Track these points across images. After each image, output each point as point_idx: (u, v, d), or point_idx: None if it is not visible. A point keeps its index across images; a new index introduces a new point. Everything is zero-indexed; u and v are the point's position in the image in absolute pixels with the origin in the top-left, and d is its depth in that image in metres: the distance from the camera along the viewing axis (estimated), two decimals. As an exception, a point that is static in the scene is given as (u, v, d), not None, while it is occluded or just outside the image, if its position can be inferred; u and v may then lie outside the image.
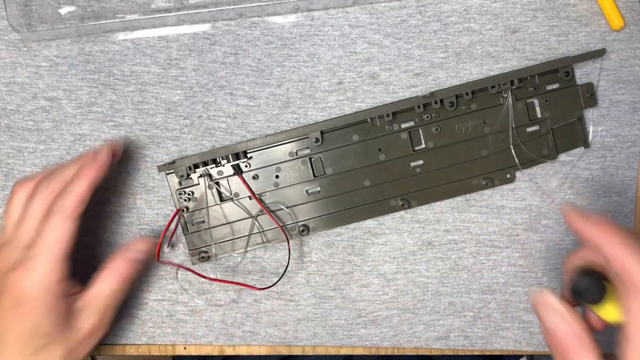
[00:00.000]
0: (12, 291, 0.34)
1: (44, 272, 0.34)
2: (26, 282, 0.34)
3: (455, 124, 0.42)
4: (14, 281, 0.34)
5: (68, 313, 0.36)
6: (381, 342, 0.44)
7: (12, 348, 0.34)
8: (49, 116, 0.43)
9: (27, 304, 0.34)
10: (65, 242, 0.35)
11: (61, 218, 0.35)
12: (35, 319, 0.34)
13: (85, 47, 0.42)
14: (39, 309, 0.34)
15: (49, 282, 0.34)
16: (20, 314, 0.34)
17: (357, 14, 0.42)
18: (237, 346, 0.44)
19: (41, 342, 0.34)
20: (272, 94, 0.42)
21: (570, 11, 0.42)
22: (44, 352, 0.35)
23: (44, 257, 0.34)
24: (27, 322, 0.34)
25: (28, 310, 0.34)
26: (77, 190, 0.36)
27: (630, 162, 0.43)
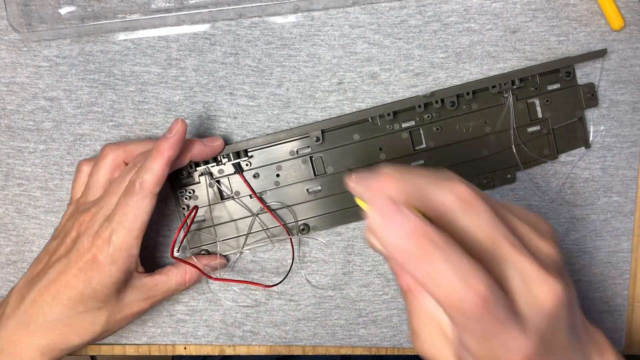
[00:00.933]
0: (87, 255, 0.36)
1: (119, 246, 0.36)
2: (101, 251, 0.36)
3: (456, 124, 0.42)
4: (90, 246, 0.36)
5: (126, 287, 0.38)
6: (381, 342, 0.44)
7: (66, 302, 0.36)
8: (49, 116, 0.43)
9: (97, 270, 0.36)
10: (142, 221, 0.37)
11: (140, 197, 0.36)
12: (98, 284, 0.36)
13: (85, 47, 0.42)
14: (105, 277, 0.36)
15: (121, 255, 0.36)
16: (87, 276, 0.36)
17: (357, 14, 0.42)
18: (237, 346, 0.44)
19: (94, 304, 0.37)
20: (272, 94, 0.42)
21: (570, 11, 0.42)
22: (92, 314, 0.37)
23: (122, 233, 0.36)
24: (90, 285, 0.36)
25: (95, 276, 0.36)
26: (155, 168, 0.36)
27: (630, 162, 0.43)
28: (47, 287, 0.36)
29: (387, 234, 0.23)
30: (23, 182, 0.43)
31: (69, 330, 0.37)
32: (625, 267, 0.43)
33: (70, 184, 0.43)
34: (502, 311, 0.23)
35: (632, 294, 0.44)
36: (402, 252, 0.23)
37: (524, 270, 0.25)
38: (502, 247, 0.25)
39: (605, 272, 0.43)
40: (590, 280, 0.43)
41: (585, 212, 0.43)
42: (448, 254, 0.23)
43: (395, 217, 0.23)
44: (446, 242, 0.23)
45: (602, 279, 0.43)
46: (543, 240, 0.27)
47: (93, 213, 0.37)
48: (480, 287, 0.22)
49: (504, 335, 0.24)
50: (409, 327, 0.29)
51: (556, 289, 0.25)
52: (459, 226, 0.25)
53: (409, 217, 0.23)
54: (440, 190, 0.25)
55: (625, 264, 0.43)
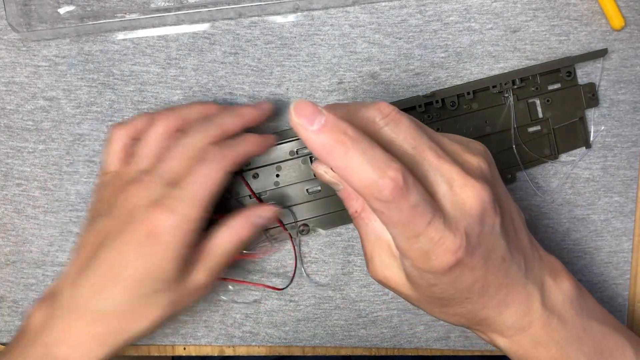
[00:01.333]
0: (146, 227, 0.32)
1: (184, 217, 0.32)
2: (164, 222, 0.32)
3: (457, 124, 0.42)
4: (151, 218, 0.32)
5: (188, 263, 0.34)
6: (381, 343, 0.44)
7: (125, 284, 0.33)
8: (48, 116, 0.43)
9: (158, 245, 0.32)
10: (212, 192, 0.33)
11: (216, 167, 0.33)
12: (160, 261, 0.32)
13: (84, 47, 0.42)
14: (167, 252, 0.32)
15: (186, 228, 0.32)
16: (147, 252, 0.32)
17: (357, 13, 0.42)
18: (236, 347, 0.44)
19: (156, 285, 0.33)
20: (272, 93, 0.42)
21: (570, 11, 0.42)
22: (154, 297, 0.33)
23: (189, 202, 0.33)
24: (151, 262, 0.32)
25: (156, 251, 0.32)
26: (242, 150, 0.35)
27: (631, 162, 0.43)
28: (103, 270, 0.33)
29: (309, 134, 0.25)
30: (22, 182, 0.43)
31: (130, 316, 0.33)
32: (626, 267, 0.43)
33: (69, 184, 0.43)
34: (420, 200, 0.26)
35: (633, 295, 0.44)
36: (322, 147, 0.25)
37: (447, 174, 0.28)
38: (426, 156, 0.28)
39: (605, 272, 0.43)
40: (590, 280, 0.43)
41: (586, 212, 0.43)
42: (362, 145, 0.25)
43: (314, 117, 0.25)
44: (360, 135, 0.25)
45: (602, 280, 0.43)
46: (472, 155, 0.30)
47: (148, 182, 0.33)
48: (393, 173, 0.25)
49: (428, 228, 0.26)
50: (364, 256, 0.32)
51: (480, 192, 0.28)
52: (385, 139, 0.28)
53: (326, 115, 0.25)
54: (367, 109, 0.28)
55: (626, 265, 0.43)
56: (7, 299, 0.44)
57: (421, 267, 0.28)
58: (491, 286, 0.30)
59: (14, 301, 0.44)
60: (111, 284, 0.33)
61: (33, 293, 0.44)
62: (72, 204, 0.43)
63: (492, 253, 0.29)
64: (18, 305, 0.44)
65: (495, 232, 0.29)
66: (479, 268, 0.28)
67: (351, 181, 0.26)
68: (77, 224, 0.43)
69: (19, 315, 0.44)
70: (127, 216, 0.33)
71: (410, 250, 0.27)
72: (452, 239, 0.27)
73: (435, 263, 0.27)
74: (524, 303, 0.31)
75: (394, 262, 0.30)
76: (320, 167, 0.31)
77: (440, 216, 0.27)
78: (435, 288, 0.29)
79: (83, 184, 0.43)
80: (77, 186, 0.43)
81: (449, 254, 0.27)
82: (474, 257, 0.28)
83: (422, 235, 0.26)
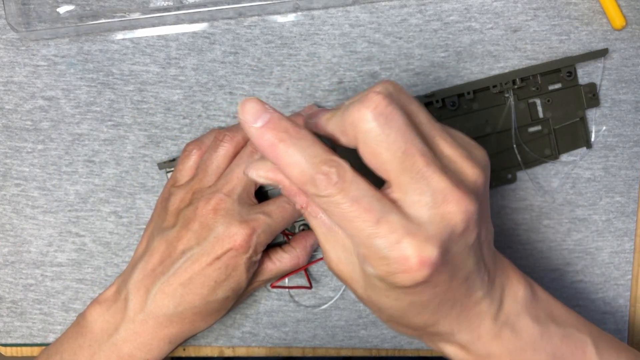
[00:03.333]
0: (225, 243, 0.35)
1: (265, 235, 0.36)
2: (245, 240, 0.35)
3: (457, 124, 0.41)
4: (230, 235, 0.35)
5: (253, 276, 0.38)
6: (382, 344, 0.44)
7: (200, 292, 0.36)
8: (47, 116, 0.43)
9: (235, 259, 0.36)
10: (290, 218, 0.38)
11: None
12: (236, 272, 0.36)
13: (84, 47, 0.42)
14: (244, 266, 0.36)
15: (264, 244, 0.36)
16: (224, 265, 0.36)
17: (358, 13, 0.42)
18: (236, 347, 0.44)
19: (229, 294, 0.36)
20: (272, 93, 0.42)
21: (571, 10, 0.42)
22: (223, 303, 0.37)
23: (267, 222, 0.36)
24: (226, 273, 0.36)
25: (234, 264, 0.36)
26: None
27: (632, 162, 0.42)
28: (181, 279, 0.35)
29: (252, 130, 0.26)
30: (21, 182, 0.43)
31: (198, 317, 0.36)
32: (628, 267, 0.43)
33: (68, 184, 0.43)
34: (362, 195, 0.25)
35: (635, 295, 0.43)
36: (263, 143, 0.26)
37: (435, 185, 0.26)
38: (416, 162, 0.26)
39: (607, 272, 0.43)
40: (592, 281, 0.43)
41: (587, 213, 0.43)
42: (302, 143, 0.26)
43: (258, 115, 0.26)
44: (303, 134, 0.26)
45: (604, 280, 0.43)
46: (472, 166, 0.28)
47: (219, 200, 0.36)
48: (326, 168, 0.25)
49: (378, 228, 0.25)
50: (321, 251, 0.31)
51: (467, 207, 0.26)
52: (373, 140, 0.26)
53: (270, 114, 0.26)
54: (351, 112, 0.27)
55: (628, 265, 0.43)
56: (6, 300, 0.44)
57: (382, 277, 0.26)
58: (447, 303, 0.28)
59: (13, 301, 0.44)
60: (186, 292, 0.35)
61: (32, 293, 0.44)
62: (71, 204, 0.43)
63: (459, 271, 0.28)
64: (17, 305, 0.44)
65: (467, 249, 0.28)
66: (442, 285, 0.27)
67: (290, 176, 0.26)
68: (76, 224, 0.43)
69: (18, 315, 0.44)
70: (204, 230, 0.36)
71: (369, 257, 0.26)
72: (428, 251, 0.25)
73: (400, 277, 0.26)
74: (475, 319, 0.30)
75: (345, 255, 0.29)
76: (252, 172, 0.30)
77: (399, 219, 0.25)
78: (388, 300, 0.28)
79: (82, 184, 0.43)
80: (76, 186, 0.43)
81: (422, 268, 0.25)
82: (441, 274, 0.26)
83: (373, 237, 0.25)
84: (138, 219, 0.43)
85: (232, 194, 0.36)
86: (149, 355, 0.36)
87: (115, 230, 0.43)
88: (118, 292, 0.37)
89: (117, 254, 0.43)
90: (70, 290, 0.44)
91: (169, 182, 0.40)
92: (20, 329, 0.44)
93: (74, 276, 0.44)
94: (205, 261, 0.35)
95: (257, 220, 0.36)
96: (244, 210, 0.36)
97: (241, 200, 0.36)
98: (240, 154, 0.38)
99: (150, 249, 0.37)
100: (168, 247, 0.36)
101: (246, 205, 0.36)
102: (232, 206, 0.36)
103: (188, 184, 0.38)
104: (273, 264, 0.39)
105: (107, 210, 0.43)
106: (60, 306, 0.44)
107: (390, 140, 0.26)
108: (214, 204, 0.36)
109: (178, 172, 0.39)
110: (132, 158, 0.43)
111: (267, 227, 0.36)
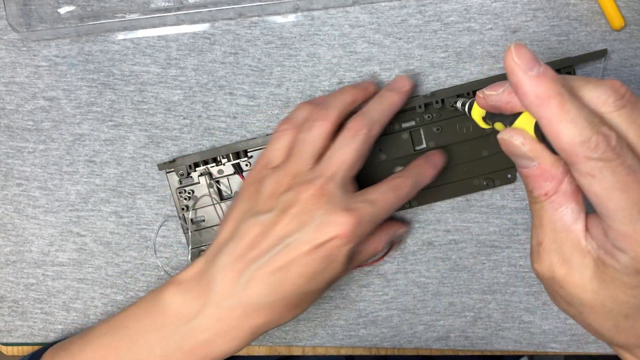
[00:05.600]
0: (329, 231, 0.33)
1: (368, 223, 0.34)
2: (349, 228, 0.33)
3: (457, 124, 0.42)
4: (333, 223, 0.33)
5: None
6: (381, 343, 0.44)
7: (296, 281, 0.33)
8: (48, 116, 0.43)
9: (337, 248, 0.33)
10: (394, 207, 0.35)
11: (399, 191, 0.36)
12: (335, 266, 0.34)
13: (84, 47, 0.42)
14: (344, 256, 0.33)
15: (365, 232, 0.34)
16: (325, 254, 0.33)
17: (357, 13, 0.42)
18: (237, 346, 0.44)
19: (320, 286, 0.34)
20: (272, 93, 0.42)
21: (570, 11, 0.42)
22: (312, 296, 0.35)
23: (374, 208, 0.34)
24: (326, 263, 0.33)
25: (335, 254, 0.33)
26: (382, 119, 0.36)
27: (631, 162, 0.43)
28: (275, 266, 0.33)
29: (525, 78, 0.24)
30: (22, 182, 0.43)
31: (287, 309, 0.34)
32: (626, 267, 0.43)
33: (69, 184, 0.43)
34: (636, 165, 0.23)
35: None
36: (535, 95, 0.24)
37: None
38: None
39: (605, 272, 0.43)
40: (590, 280, 0.43)
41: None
42: (577, 102, 0.24)
43: (533, 64, 0.24)
44: (573, 94, 0.24)
45: (602, 280, 0.43)
46: None
47: (322, 185, 0.33)
48: (606, 131, 0.23)
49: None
50: (533, 243, 0.28)
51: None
52: (613, 125, 0.24)
53: (544, 66, 0.24)
54: (596, 86, 0.25)
55: (626, 264, 0.43)
56: (7, 299, 0.44)
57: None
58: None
59: (14, 301, 0.44)
60: (284, 282, 0.33)
61: (33, 293, 0.44)
62: (72, 204, 0.43)
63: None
64: (18, 305, 0.44)
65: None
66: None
67: (561, 136, 0.23)
68: (77, 224, 0.43)
69: (19, 314, 0.44)
70: (305, 215, 0.33)
71: (633, 236, 0.24)
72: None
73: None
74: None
75: (578, 258, 0.26)
76: (517, 137, 0.27)
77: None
78: (628, 296, 0.25)
79: (83, 184, 0.43)
80: (77, 186, 0.43)
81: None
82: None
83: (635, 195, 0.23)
84: (138, 219, 0.43)
85: (335, 179, 0.33)
86: (228, 345, 0.33)
87: (116, 230, 0.43)
88: (201, 274, 0.34)
89: (117, 253, 0.43)
90: (71, 290, 0.44)
91: (260, 162, 0.37)
92: (21, 328, 0.44)
93: (74, 276, 0.44)
94: (305, 249, 0.32)
95: (361, 208, 0.33)
96: (347, 196, 0.33)
97: (344, 186, 0.34)
98: (342, 134, 0.35)
99: (241, 232, 0.34)
100: (263, 232, 0.33)
101: (349, 191, 0.34)
102: (335, 192, 0.33)
103: (283, 166, 0.35)
104: (362, 253, 0.36)
105: (108, 210, 0.43)
106: (61, 306, 0.44)
107: (635, 126, 0.24)
108: (316, 189, 0.33)
109: (270, 152, 0.36)
110: (133, 158, 0.43)
111: (371, 217, 0.34)
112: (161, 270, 0.43)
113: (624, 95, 0.24)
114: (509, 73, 0.24)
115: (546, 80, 0.24)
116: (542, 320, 0.44)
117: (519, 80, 0.24)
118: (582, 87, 0.25)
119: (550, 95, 0.23)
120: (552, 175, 0.26)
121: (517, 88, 0.24)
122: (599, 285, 0.26)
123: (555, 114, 0.23)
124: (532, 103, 0.24)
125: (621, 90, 0.24)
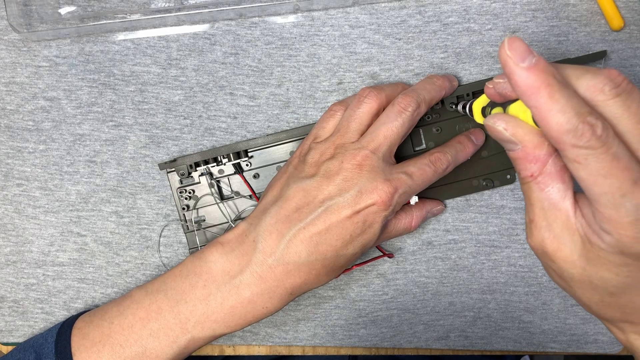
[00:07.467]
0: (369, 198, 0.35)
1: (407, 193, 0.36)
2: (388, 197, 0.35)
3: (456, 125, 0.42)
4: (375, 191, 0.35)
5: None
6: (381, 342, 0.44)
7: (334, 243, 0.35)
8: (48, 116, 0.43)
9: (375, 215, 0.35)
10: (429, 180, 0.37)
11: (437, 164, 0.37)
12: (372, 228, 0.36)
13: (85, 47, 0.42)
14: (380, 223, 0.36)
15: (403, 201, 0.36)
16: (363, 220, 0.35)
17: (357, 14, 0.42)
18: (236, 346, 0.44)
19: (355, 249, 0.36)
20: (272, 94, 0.42)
21: (570, 11, 0.42)
22: (348, 257, 0.36)
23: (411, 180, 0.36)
24: (363, 228, 0.35)
25: (372, 220, 0.35)
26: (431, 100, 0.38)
27: (630, 162, 0.43)
28: (318, 229, 0.35)
29: (517, 69, 0.25)
30: (22, 182, 0.43)
31: (324, 271, 0.36)
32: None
33: (69, 184, 0.43)
34: (623, 153, 0.24)
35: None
36: (527, 85, 0.25)
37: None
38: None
39: (605, 272, 0.43)
40: (590, 280, 0.43)
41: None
42: (567, 92, 0.25)
43: (525, 55, 0.25)
44: (565, 83, 0.25)
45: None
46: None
47: (365, 156, 0.35)
48: (592, 120, 0.24)
49: (635, 188, 0.24)
50: (527, 220, 0.30)
51: None
52: (610, 114, 0.25)
53: (536, 57, 0.25)
54: (593, 76, 0.26)
55: (625, 264, 0.43)
56: (8, 299, 0.44)
57: (627, 245, 0.25)
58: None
59: (15, 301, 0.44)
60: (323, 243, 0.35)
61: (33, 293, 0.44)
62: (73, 204, 0.43)
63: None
64: (19, 304, 0.44)
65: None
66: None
67: (549, 124, 0.25)
68: (78, 224, 0.43)
69: (19, 314, 0.44)
70: (347, 183, 0.35)
71: (616, 220, 0.25)
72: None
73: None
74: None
75: (567, 235, 0.28)
76: (499, 122, 0.29)
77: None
78: (622, 270, 0.27)
79: (83, 184, 0.43)
80: (78, 186, 0.43)
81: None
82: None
83: (628, 196, 0.24)
84: (139, 218, 0.43)
85: (378, 152, 0.35)
86: (268, 303, 0.35)
87: (117, 230, 0.43)
88: (245, 235, 0.36)
89: (118, 253, 0.44)
90: (71, 290, 0.44)
91: (308, 138, 0.39)
92: (22, 328, 0.44)
93: (75, 275, 0.44)
94: (345, 213, 0.34)
95: (399, 180, 0.35)
96: (387, 168, 0.36)
97: (385, 159, 0.36)
98: (386, 111, 0.37)
99: (285, 195, 0.36)
100: (306, 195, 0.35)
101: (389, 164, 0.36)
102: (377, 163, 0.35)
103: (329, 139, 0.37)
104: (393, 225, 0.39)
105: (108, 210, 0.43)
106: (62, 305, 0.44)
107: (631, 113, 0.25)
108: (360, 159, 0.35)
109: (320, 129, 0.39)
110: (133, 158, 0.43)
111: (408, 188, 0.36)
112: (164, 269, 0.43)
113: (620, 83, 0.26)
114: (502, 65, 0.26)
115: (537, 71, 0.25)
116: (541, 320, 0.44)
117: (511, 72, 0.25)
118: (581, 76, 0.26)
119: (540, 85, 0.25)
120: (536, 158, 0.28)
121: (509, 79, 0.26)
122: (586, 262, 0.28)
123: (545, 103, 0.25)
124: (523, 93, 0.25)
125: (618, 79, 0.26)
